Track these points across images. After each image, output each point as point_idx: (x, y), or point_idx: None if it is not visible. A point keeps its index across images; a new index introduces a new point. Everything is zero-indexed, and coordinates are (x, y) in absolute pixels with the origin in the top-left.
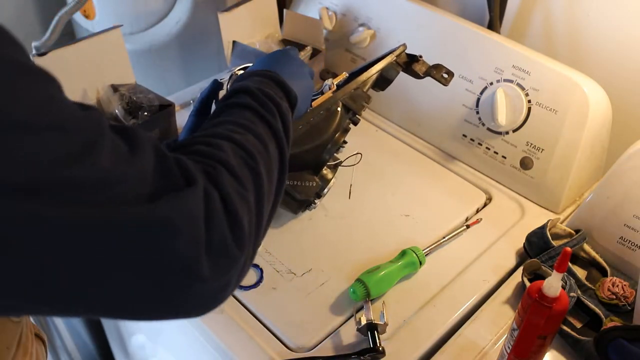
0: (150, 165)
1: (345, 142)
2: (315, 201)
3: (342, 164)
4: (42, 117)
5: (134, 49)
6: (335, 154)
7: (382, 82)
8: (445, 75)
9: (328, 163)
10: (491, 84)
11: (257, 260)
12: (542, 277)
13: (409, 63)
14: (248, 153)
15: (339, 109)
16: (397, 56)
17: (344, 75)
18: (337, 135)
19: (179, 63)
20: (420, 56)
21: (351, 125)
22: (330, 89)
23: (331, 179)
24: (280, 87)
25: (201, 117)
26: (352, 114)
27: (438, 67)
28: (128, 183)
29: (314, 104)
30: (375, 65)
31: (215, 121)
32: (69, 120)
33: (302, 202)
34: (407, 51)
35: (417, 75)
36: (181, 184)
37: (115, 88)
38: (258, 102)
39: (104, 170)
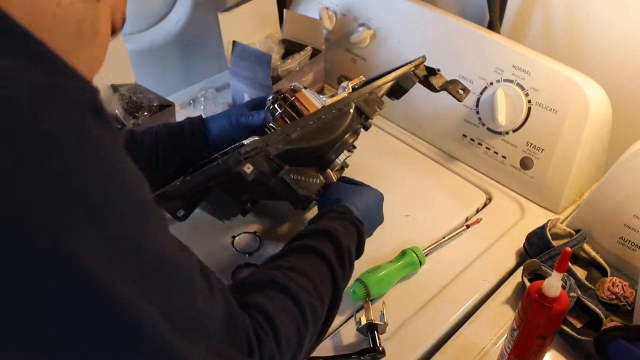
0: (220, 315)
1: (354, 147)
2: (315, 200)
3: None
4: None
5: (134, 49)
6: (343, 158)
7: (398, 90)
8: (461, 92)
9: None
10: (491, 84)
11: (258, 260)
12: (542, 277)
13: (427, 75)
14: (304, 320)
15: (351, 110)
16: (415, 67)
17: (361, 78)
18: (346, 136)
19: (179, 63)
20: (439, 70)
21: (362, 130)
22: (345, 90)
23: (334, 181)
24: (358, 241)
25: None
26: (364, 118)
27: (454, 82)
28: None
29: (328, 101)
30: (393, 73)
31: (296, 264)
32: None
33: (302, 198)
34: (425, 63)
35: (433, 88)
36: (243, 351)
37: (115, 88)
38: (339, 260)
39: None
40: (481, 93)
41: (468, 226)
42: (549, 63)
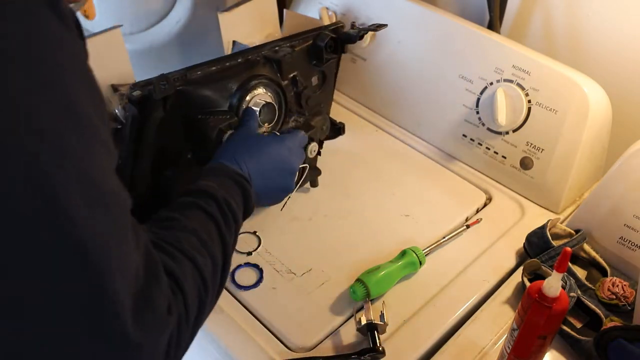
0: (142, 269)
1: (319, 153)
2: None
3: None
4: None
5: (134, 49)
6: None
7: (317, 50)
8: (373, 26)
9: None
10: (491, 84)
11: (257, 260)
12: (542, 277)
13: (342, 32)
14: (204, 282)
15: (258, 58)
16: (331, 30)
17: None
18: (253, 82)
19: (179, 63)
20: (353, 22)
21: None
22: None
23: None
24: (244, 197)
25: None
26: (295, 86)
27: (370, 25)
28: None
29: None
30: (303, 32)
31: (181, 223)
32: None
33: (210, 132)
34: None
35: (351, 38)
36: (165, 314)
37: (115, 88)
38: (222, 215)
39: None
40: (481, 93)
41: (468, 226)
42: (549, 63)
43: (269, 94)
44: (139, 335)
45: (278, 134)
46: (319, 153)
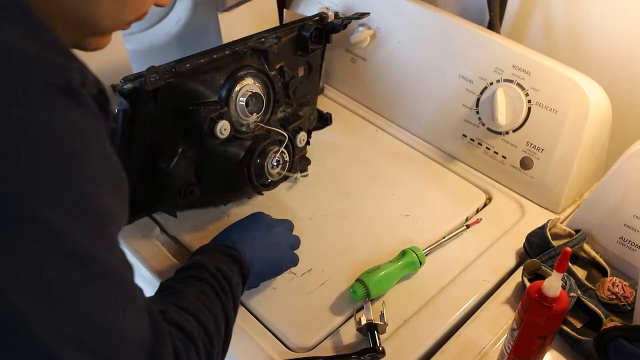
0: (147, 331)
1: (308, 143)
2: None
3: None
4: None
5: (134, 49)
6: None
7: (302, 40)
8: (356, 15)
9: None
10: (491, 84)
11: None
12: (542, 277)
13: (327, 22)
14: (209, 338)
15: (245, 50)
16: (315, 21)
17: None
18: (240, 73)
19: None
20: (337, 12)
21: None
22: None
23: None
24: (236, 263)
25: None
26: (282, 76)
27: (354, 14)
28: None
29: None
30: (288, 23)
31: (179, 290)
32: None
33: (201, 122)
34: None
35: (335, 27)
36: None
37: (115, 88)
38: (214, 279)
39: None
40: (481, 93)
41: (468, 226)
42: (549, 63)
43: (257, 84)
44: None
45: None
46: (308, 142)
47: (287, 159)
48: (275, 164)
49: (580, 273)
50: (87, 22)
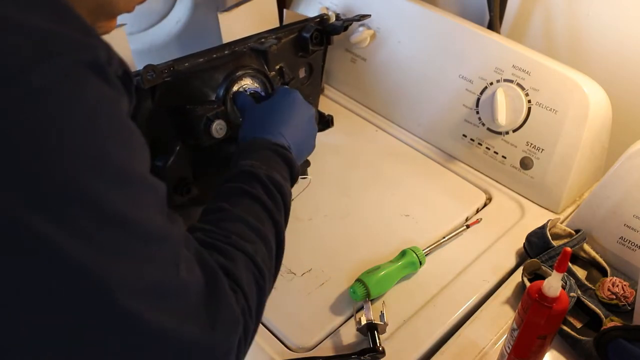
0: (201, 283)
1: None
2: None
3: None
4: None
5: (134, 49)
6: None
7: (302, 41)
8: (357, 17)
9: None
10: (491, 84)
11: None
12: (542, 277)
13: (327, 23)
14: (259, 270)
15: (245, 49)
16: (316, 22)
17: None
18: (239, 73)
19: None
20: (338, 14)
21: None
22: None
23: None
24: (288, 166)
25: None
26: (282, 77)
27: (355, 16)
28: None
29: None
30: (288, 24)
31: (228, 213)
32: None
33: (197, 121)
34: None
35: (336, 29)
36: (235, 314)
37: None
38: (268, 195)
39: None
40: (481, 93)
41: (468, 226)
42: (549, 63)
43: (256, 84)
44: (214, 339)
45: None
46: None
47: None
48: None
49: (580, 273)
50: (104, 3)
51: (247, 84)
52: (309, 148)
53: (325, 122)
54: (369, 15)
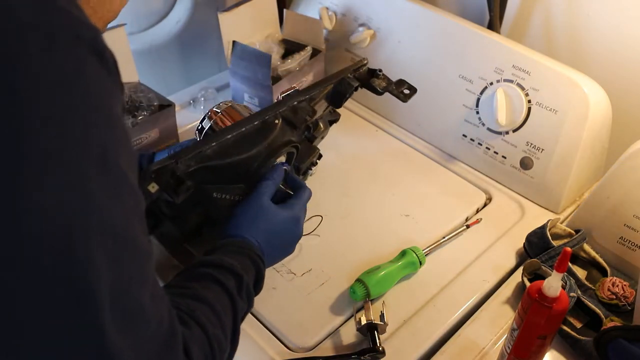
0: (164, 322)
1: (314, 164)
2: None
3: None
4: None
5: (134, 48)
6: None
7: (337, 97)
8: (406, 92)
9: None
10: (491, 84)
11: None
12: (542, 277)
13: (368, 78)
14: (212, 354)
15: (276, 121)
16: (353, 71)
17: (293, 87)
18: (275, 148)
19: (179, 63)
20: (380, 70)
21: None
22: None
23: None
24: (257, 278)
25: None
26: (308, 131)
27: (400, 82)
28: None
29: None
30: (326, 79)
31: (200, 292)
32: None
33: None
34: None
35: (375, 91)
36: None
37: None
38: (239, 294)
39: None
40: (481, 93)
41: (468, 226)
42: (549, 63)
43: (284, 156)
44: None
45: (290, 192)
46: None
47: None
48: None
49: (580, 273)
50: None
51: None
52: (285, 254)
53: (334, 120)
54: (415, 90)
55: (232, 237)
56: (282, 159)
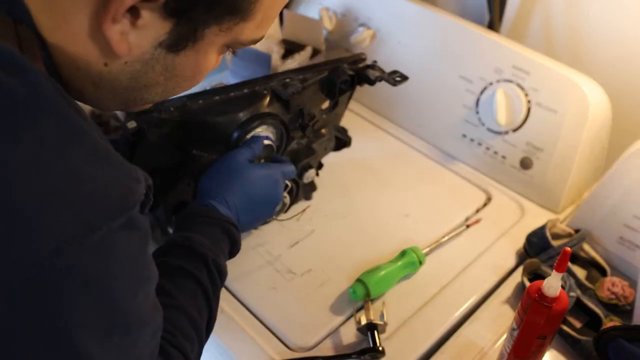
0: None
1: (310, 167)
2: None
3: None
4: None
5: None
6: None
7: (331, 85)
8: (398, 78)
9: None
10: (491, 84)
11: (257, 258)
12: (542, 277)
13: (362, 68)
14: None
15: (265, 92)
16: (350, 63)
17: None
18: (258, 115)
19: None
20: (375, 62)
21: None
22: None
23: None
24: (232, 243)
25: None
26: (301, 117)
27: (393, 72)
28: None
29: None
30: (322, 63)
31: (174, 302)
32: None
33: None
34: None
35: (369, 80)
36: None
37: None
38: (211, 280)
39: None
40: (481, 93)
41: (468, 226)
42: (549, 63)
43: (271, 129)
44: None
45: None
46: (316, 174)
47: (287, 201)
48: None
49: (580, 273)
50: (140, 100)
51: (262, 130)
52: (264, 215)
53: (341, 143)
54: (407, 78)
55: (202, 205)
56: (266, 132)
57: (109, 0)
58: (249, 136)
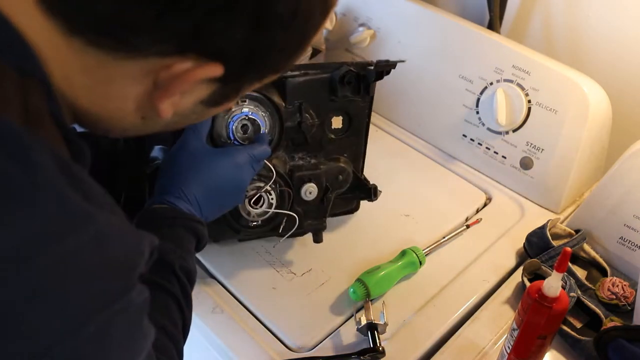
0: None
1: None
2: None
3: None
4: None
5: None
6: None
7: (332, 82)
8: (392, 63)
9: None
10: (491, 84)
11: (257, 258)
12: (542, 277)
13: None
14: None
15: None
16: (356, 64)
17: None
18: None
19: None
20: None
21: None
22: None
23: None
24: (197, 237)
25: None
26: (301, 114)
27: (384, 60)
28: None
29: None
30: (326, 63)
31: (157, 319)
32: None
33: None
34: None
35: (368, 75)
36: None
37: None
38: (182, 289)
39: None
40: (481, 93)
41: (468, 226)
42: (549, 63)
43: (261, 112)
44: None
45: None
46: (325, 201)
47: (274, 201)
48: (256, 204)
49: (580, 273)
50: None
51: (250, 108)
52: (231, 203)
53: (367, 190)
54: (403, 61)
55: (161, 204)
56: (251, 106)
57: (170, 83)
58: (234, 107)
